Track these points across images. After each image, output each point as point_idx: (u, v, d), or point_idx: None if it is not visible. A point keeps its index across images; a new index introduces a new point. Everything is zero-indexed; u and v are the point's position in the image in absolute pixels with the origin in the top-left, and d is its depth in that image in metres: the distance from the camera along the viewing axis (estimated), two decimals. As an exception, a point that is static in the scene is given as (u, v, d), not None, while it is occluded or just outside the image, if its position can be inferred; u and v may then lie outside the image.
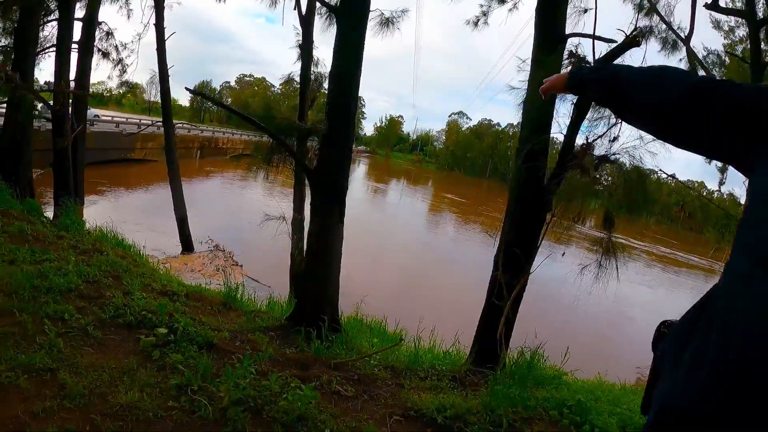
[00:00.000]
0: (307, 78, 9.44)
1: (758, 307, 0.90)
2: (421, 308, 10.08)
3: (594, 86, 1.43)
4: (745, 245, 1.01)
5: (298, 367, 4.09)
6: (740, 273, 0.99)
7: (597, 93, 1.45)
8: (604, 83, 1.39)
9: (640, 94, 1.31)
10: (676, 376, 1.06)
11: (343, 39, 5.21)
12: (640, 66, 1.39)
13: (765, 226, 0.96)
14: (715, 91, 1.16)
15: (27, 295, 4.10)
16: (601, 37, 4.82)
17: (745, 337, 0.90)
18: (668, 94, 1.23)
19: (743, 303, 0.94)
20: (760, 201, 1.01)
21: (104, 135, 28.18)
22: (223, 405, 3.04)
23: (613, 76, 1.38)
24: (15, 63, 9.62)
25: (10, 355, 3.11)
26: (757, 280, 0.92)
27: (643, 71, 1.37)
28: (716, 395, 0.93)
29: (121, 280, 5.22)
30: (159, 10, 14.53)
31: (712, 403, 0.94)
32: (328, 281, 5.53)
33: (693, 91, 1.18)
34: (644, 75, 1.35)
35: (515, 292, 4.99)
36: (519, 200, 5.13)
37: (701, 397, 0.96)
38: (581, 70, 1.50)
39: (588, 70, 1.47)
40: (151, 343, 3.72)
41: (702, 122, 1.18)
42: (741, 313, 0.93)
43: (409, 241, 23.88)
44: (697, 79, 1.25)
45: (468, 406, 3.65)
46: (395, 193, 49.30)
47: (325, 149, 5.36)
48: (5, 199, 7.89)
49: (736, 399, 0.90)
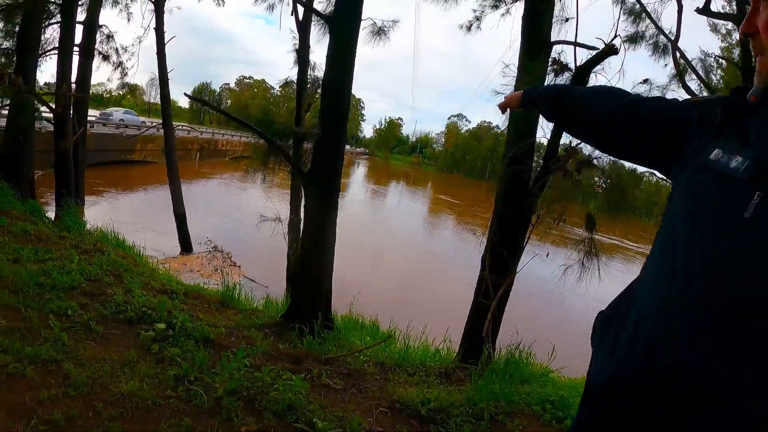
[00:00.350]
0: (304, 82, 9.56)
1: (662, 302, 1.05)
2: (413, 307, 10.25)
3: (543, 103, 1.62)
4: (661, 245, 1.16)
5: (290, 361, 4.23)
6: (652, 268, 1.16)
7: (545, 109, 1.63)
8: (551, 100, 1.59)
9: (582, 110, 1.52)
10: (598, 356, 1.24)
11: (335, 47, 5.35)
12: (584, 87, 1.61)
13: (675, 227, 1.11)
14: (643, 105, 1.36)
15: (32, 292, 4.26)
16: (583, 44, 4.97)
17: (652, 328, 1.05)
18: (605, 109, 1.45)
19: (652, 296, 1.09)
20: (674, 203, 1.17)
21: (104, 136, 28.27)
22: (218, 395, 3.21)
23: (557, 95, 1.57)
24: (17, 65, 9.70)
25: (17, 347, 3.28)
26: (661, 279, 1.08)
27: (585, 91, 1.60)
28: (626, 371, 1.09)
29: (121, 279, 5.39)
30: (159, 15, 14.69)
31: (623, 378, 1.09)
32: (322, 280, 5.68)
33: (625, 106, 1.39)
34: (586, 94, 1.58)
35: (501, 291, 5.15)
36: (505, 202, 5.30)
37: (615, 373, 1.12)
38: (533, 89, 1.69)
39: (538, 90, 1.66)
40: (151, 338, 3.89)
41: (632, 133, 1.38)
42: (651, 304, 1.08)
43: (403, 242, 23.98)
44: (630, 96, 1.44)
45: (452, 400, 3.76)
46: (393, 195, 49.43)
47: (318, 152, 5.51)
48: (7, 200, 8.01)
49: (642, 375, 1.04)
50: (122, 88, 16.48)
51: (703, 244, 0.99)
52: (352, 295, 8.43)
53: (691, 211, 1.08)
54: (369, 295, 11.35)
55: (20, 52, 9.89)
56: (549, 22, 5.33)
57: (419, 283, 16.56)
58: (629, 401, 1.07)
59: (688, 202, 1.11)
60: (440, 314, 9.10)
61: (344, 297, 8.02)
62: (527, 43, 5.31)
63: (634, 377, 1.05)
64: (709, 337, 0.94)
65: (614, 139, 1.47)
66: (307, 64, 9.62)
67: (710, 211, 1.02)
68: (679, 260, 1.03)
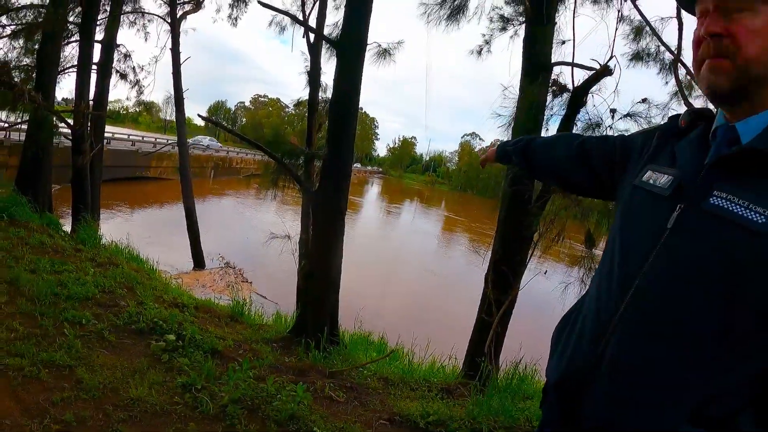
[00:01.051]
0: (315, 103, 9.74)
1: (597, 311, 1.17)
2: (422, 324, 10.29)
3: (514, 154, 1.85)
4: (602, 259, 1.29)
5: (295, 373, 4.33)
6: (595, 279, 1.29)
7: (516, 159, 1.85)
8: (519, 151, 1.82)
9: (544, 156, 1.76)
10: (553, 357, 1.36)
11: (342, 70, 5.49)
12: (548, 136, 1.83)
13: (613, 243, 1.23)
14: (591, 144, 1.57)
15: (48, 301, 4.44)
16: (580, 65, 5.08)
17: (591, 329, 1.17)
18: (561, 155, 1.67)
19: (596, 300, 1.21)
20: (614, 223, 1.30)
21: (120, 153, 28.71)
22: (223, 403, 3.33)
23: (525, 145, 1.81)
24: (37, 82, 9.86)
25: (33, 352, 3.45)
26: (604, 286, 1.20)
27: (545, 140, 1.83)
28: (570, 369, 1.20)
29: (134, 292, 5.54)
30: (174, 36, 15.07)
31: (569, 375, 1.20)
32: (328, 297, 5.78)
33: (578, 147, 1.60)
34: (547, 142, 1.80)
35: (504, 307, 5.24)
36: (506, 221, 5.40)
37: (564, 370, 1.23)
38: (504, 144, 1.94)
39: (509, 143, 1.91)
40: (161, 348, 4.04)
41: (587, 172, 1.57)
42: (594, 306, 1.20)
43: (414, 259, 23.95)
44: (581, 139, 1.63)
45: (451, 414, 3.80)
46: (406, 214, 49.33)
47: (326, 172, 5.63)
48: (26, 213, 8.20)
49: (581, 372, 1.16)
50: (138, 105, 16.75)
51: (633, 251, 1.12)
52: (359, 312, 8.50)
53: (624, 225, 1.21)
54: (377, 312, 11.43)
55: (40, 69, 10.08)
56: (549, 44, 5.45)
57: (430, 301, 16.52)
58: (576, 394, 1.16)
59: (623, 219, 1.24)
60: (448, 331, 9.15)
61: (352, 313, 8.12)
62: (527, 65, 5.44)
63: (580, 368, 1.16)
64: (637, 332, 1.06)
65: (574, 180, 1.67)
66: (318, 86, 9.80)
67: (640, 224, 1.15)
68: (617, 268, 1.15)
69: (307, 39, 9.58)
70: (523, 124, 5.27)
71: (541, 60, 5.37)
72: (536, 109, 5.21)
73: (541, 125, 5.32)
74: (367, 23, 5.54)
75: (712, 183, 1.03)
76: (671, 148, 1.23)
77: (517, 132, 5.35)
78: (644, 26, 5.80)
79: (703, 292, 0.97)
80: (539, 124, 5.27)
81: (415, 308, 15.24)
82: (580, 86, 4.93)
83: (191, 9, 15.68)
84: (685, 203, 1.06)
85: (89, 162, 10.77)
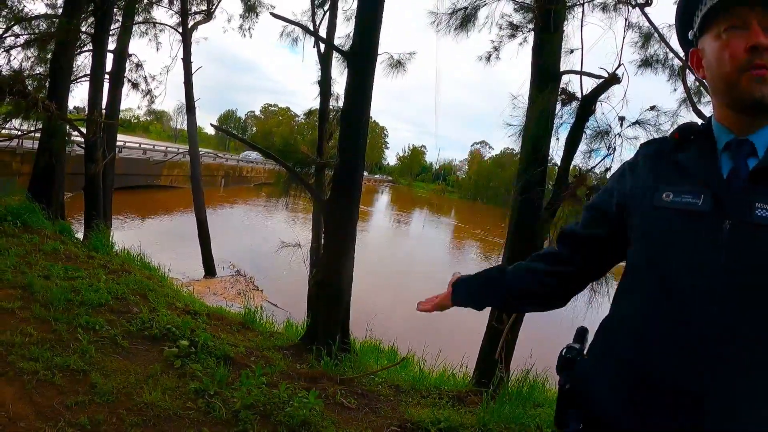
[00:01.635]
0: (326, 112, 9.77)
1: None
2: (434, 332, 10.23)
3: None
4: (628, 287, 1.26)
5: (306, 380, 4.34)
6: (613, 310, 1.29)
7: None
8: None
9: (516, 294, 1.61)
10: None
11: (353, 80, 5.51)
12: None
13: (641, 274, 1.20)
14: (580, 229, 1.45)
15: (61, 307, 4.48)
16: (589, 73, 5.08)
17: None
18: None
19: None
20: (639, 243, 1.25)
21: (131, 161, 28.97)
22: (236, 408, 3.35)
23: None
24: (50, 91, 9.96)
25: (47, 356, 3.50)
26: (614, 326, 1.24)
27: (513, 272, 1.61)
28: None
29: (147, 298, 5.57)
30: (186, 46, 15.18)
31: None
32: (339, 304, 5.78)
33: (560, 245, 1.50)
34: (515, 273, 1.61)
35: (514, 315, 5.23)
36: (516, 228, 5.40)
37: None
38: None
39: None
40: (174, 354, 4.06)
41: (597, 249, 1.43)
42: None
43: (425, 268, 23.88)
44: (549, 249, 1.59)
45: (462, 421, 3.80)
46: (416, 223, 49.24)
47: (337, 181, 5.67)
48: (39, 220, 8.25)
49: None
50: (150, 114, 16.88)
51: (681, 277, 1.08)
52: (370, 320, 8.48)
53: (657, 249, 1.15)
54: (388, 319, 11.39)
55: (53, 78, 10.16)
56: (557, 53, 5.45)
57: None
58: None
59: (652, 243, 1.17)
60: (459, 339, 9.12)
61: (363, 321, 8.11)
62: (536, 74, 5.45)
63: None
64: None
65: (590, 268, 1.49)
66: (329, 95, 9.81)
67: (682, 245, 1.10)
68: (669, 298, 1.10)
69: (318, 49, 9.62)
70: (534, 132, 5.27)
71: (549, 68, 5.37)
72: (546, 117, 5.21)
73: (551, 133, 5.33)
74: (377, 33, 5.56)
75: (751, 195, 1.04)
76: (671, 164, 1.20)
77: (528, 140, 5.36)
78: (652, 33, 5.78)
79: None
80: (549, 132, 5.27)
81: (426, 316, 14.93)
82: (588, 94, 4.94)
83: (202, 19, 15.76)
84: (733, 218, 1.04)
85: (102, 170, 10.87)
